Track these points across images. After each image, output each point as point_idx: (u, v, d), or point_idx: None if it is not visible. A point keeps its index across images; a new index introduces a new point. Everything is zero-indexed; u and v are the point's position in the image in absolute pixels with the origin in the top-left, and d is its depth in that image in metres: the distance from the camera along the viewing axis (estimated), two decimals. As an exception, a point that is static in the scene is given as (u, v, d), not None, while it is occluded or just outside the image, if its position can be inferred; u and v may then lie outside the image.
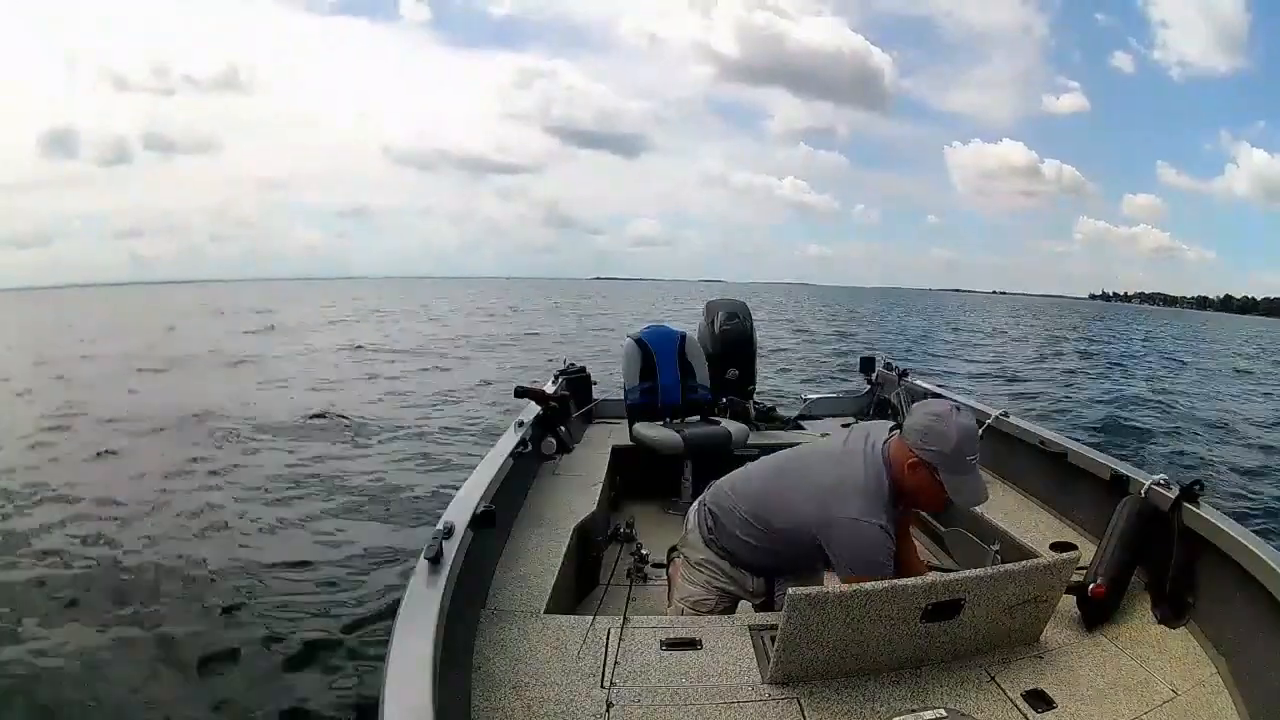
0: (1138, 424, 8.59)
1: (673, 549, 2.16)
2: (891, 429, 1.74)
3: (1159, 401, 10.35)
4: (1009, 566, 1.53)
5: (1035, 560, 1.60)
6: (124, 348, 16.06)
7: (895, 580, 1.48)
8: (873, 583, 1.44)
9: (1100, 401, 10.25)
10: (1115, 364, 16.29)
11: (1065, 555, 1.69)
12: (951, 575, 1.48)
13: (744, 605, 1.87)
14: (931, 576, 1.50)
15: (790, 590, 1.35)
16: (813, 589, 1.37)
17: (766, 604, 1.84)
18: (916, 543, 2.56)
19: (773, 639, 1.45)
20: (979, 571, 1.52)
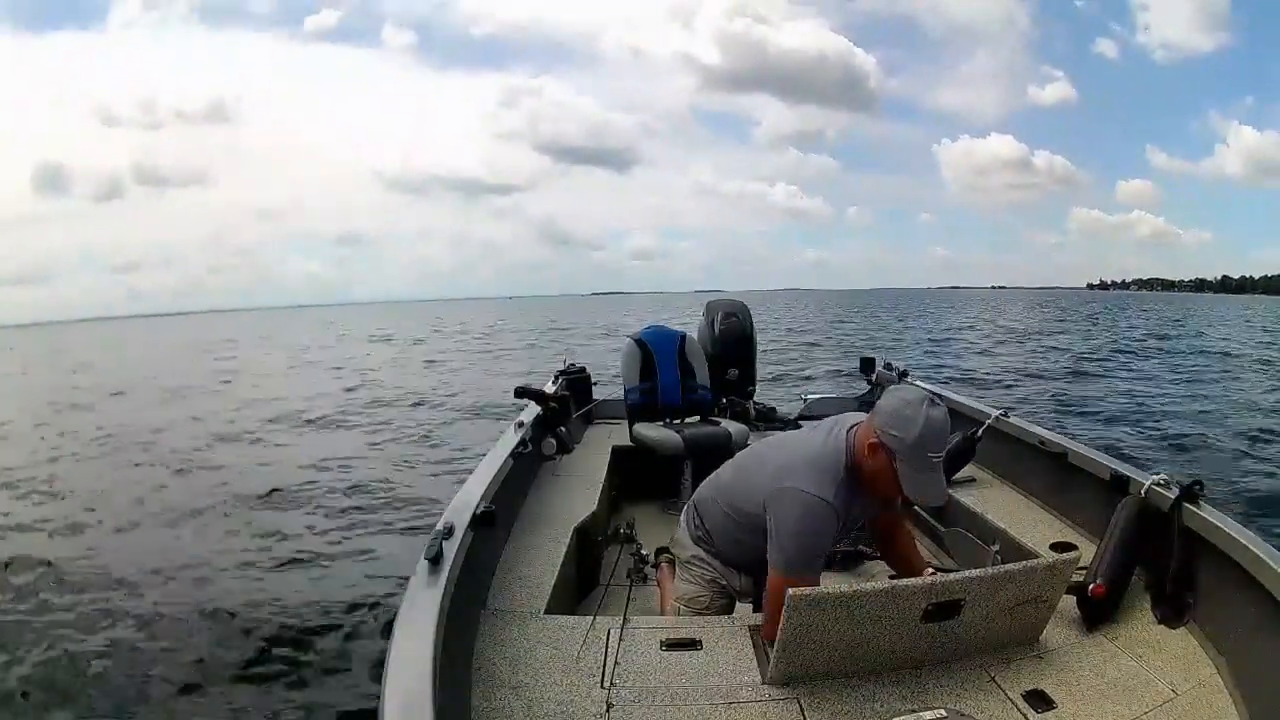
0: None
1: (660, 550, 2.16)
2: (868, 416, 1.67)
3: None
4: (1009, 566, 1.53)
5: (1035, 560, 1.60)
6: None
7: (895, 580, 1.48)
8: (873, 583, 1.44)
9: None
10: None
11: (1065, 555, 1.68)
12: (951, 575, 1.48)
13: (744, 606, 1.88)
14: (931, 577, 1.50)
15: (790, 590, 1.35)
16: (812, 589, 1.37)
17: (757, 603, 1.83)
18: (915, 541, 2.56)
19: (773, 639, 1.45)
20: (979, 571, 1.52)
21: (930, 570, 1.73)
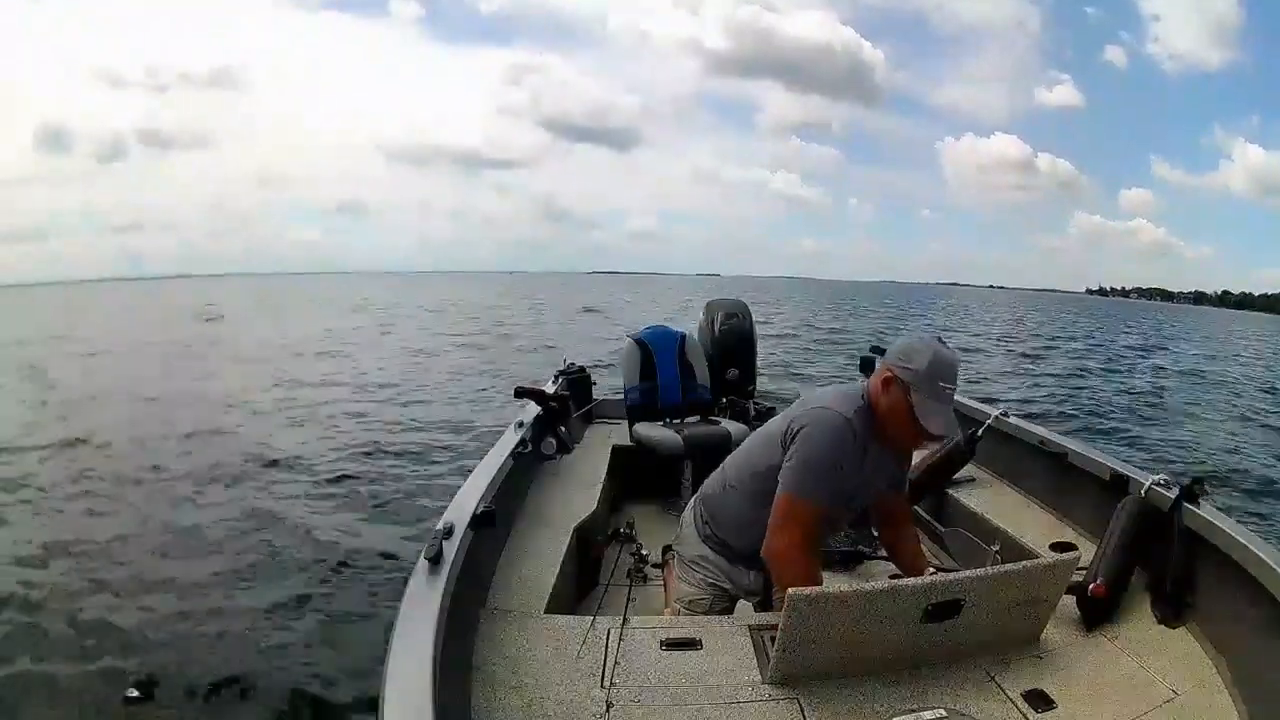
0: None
1: (666, 549, 2.16)
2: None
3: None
4: (1009, 566, 1.53)
5: (1035, 560, 1.60)
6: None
7: (896, 580, 1.48)
8: (873, 583, 1.44)
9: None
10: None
11: (1065, 555, 1.69)
12: (951, 575, 1.48)
13: (744, 606, 1.87)
14: (931, 576, 1.50)
15: (790, 590, 1.35)
16: (813, 589, 1.37)
17: (765, 602, 1.83)
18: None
19: (773, 639, 1.45)
20: (979, 571, 1.52)
21: (931, 570, 1.73)
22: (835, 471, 1.58)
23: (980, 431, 2.76)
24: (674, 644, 1.54)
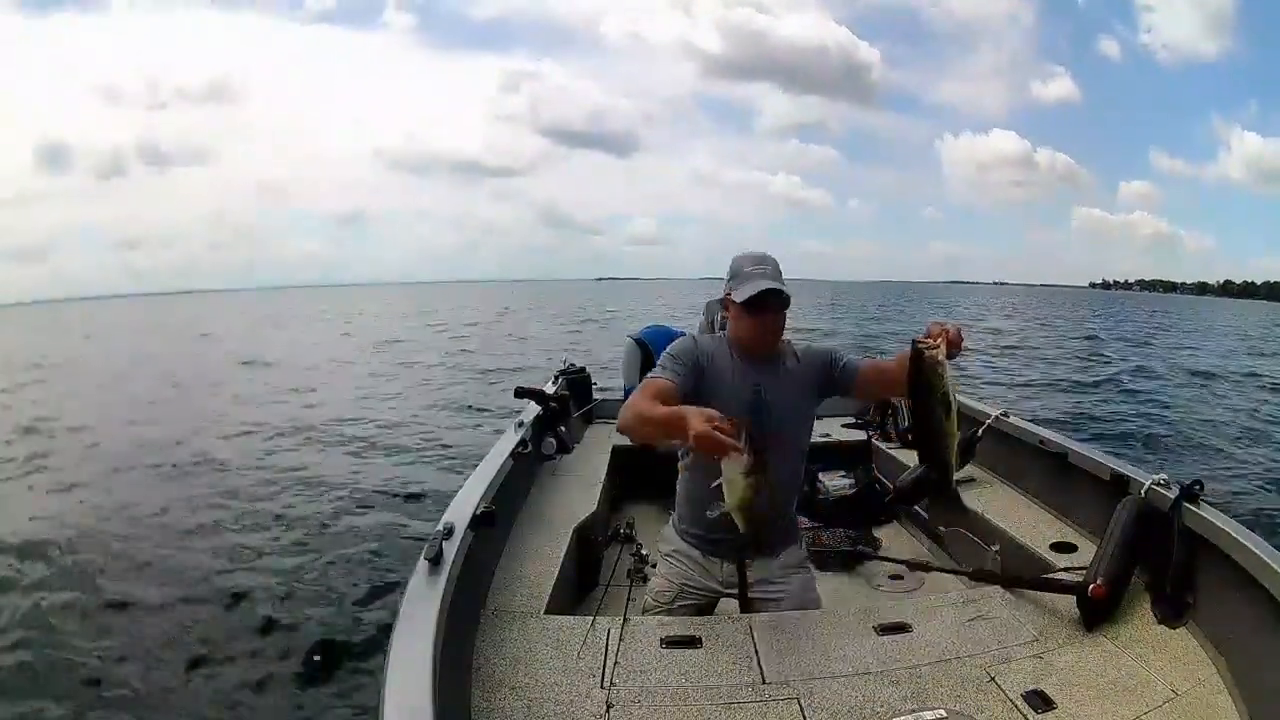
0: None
1: None
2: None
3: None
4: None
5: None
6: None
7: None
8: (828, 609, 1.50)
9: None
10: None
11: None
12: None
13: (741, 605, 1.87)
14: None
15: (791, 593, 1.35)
16: (811, 592, 1.37)
17: (742, 595, 1.82)
18: (916, 542, 2.56)
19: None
20: (920, 596, 1.56)
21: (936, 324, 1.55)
22: (678, 359, 1.73)
23: (980, 431, 2.76)
24: (674, 644, 1.55)
